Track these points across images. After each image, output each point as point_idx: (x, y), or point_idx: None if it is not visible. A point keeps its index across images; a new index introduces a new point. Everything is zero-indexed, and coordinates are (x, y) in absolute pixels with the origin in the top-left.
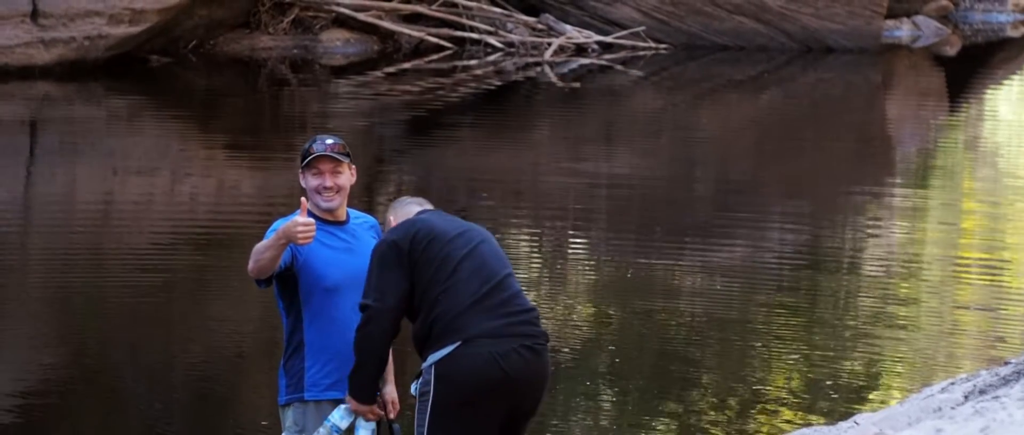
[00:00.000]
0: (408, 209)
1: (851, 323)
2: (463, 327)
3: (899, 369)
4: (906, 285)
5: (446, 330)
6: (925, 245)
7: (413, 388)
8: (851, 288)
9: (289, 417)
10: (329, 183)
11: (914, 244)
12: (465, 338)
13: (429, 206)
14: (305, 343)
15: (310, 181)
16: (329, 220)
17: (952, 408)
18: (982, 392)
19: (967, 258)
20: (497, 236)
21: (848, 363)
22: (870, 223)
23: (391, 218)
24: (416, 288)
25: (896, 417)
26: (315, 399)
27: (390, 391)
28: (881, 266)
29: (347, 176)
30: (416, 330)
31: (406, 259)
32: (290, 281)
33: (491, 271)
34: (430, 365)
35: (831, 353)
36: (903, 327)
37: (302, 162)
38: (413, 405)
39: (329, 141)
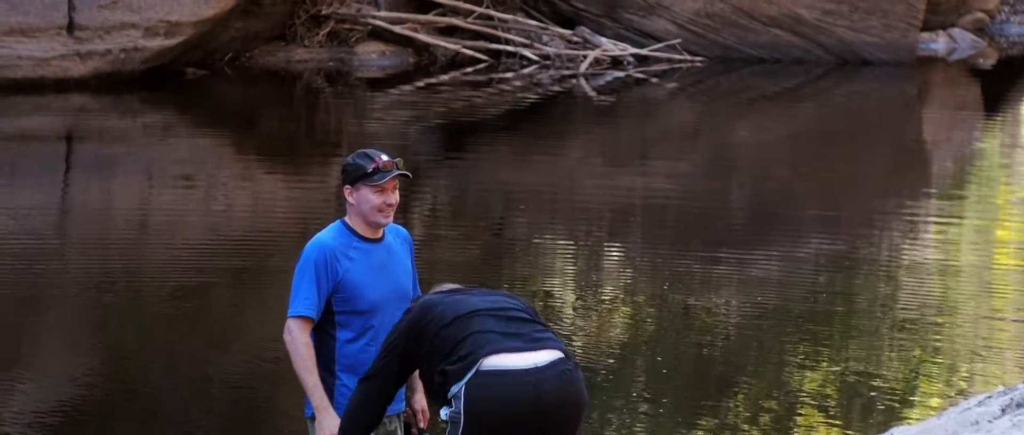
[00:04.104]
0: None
1: (888, 331)
2: (486, 344)
3: (936, 377)
4: (942, 293)
5: (470, 352)
6: (961, 253)
7: (443, 413)
8: (887, 296)
9: (315, 430)
10: (392, 200)
11: (950, 252)
12: (488, 352)
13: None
14: (335, 360)
15: (372, 198)
16: (370, 238)
17: (989, 421)
18: (1019, 405)
19: (1003, 266)
20: (534, 246)
21: (885, 371)
22: (906, 231)
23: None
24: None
25: (933, 431)
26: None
27: (419, 399)
28: (917, 274)
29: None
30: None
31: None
32: (326, 301)
33: (507, 303)
34: (459, 391)
35: (868, 362)
36: (940, 335)
37: (365, 177)
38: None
39: (384, 158)
